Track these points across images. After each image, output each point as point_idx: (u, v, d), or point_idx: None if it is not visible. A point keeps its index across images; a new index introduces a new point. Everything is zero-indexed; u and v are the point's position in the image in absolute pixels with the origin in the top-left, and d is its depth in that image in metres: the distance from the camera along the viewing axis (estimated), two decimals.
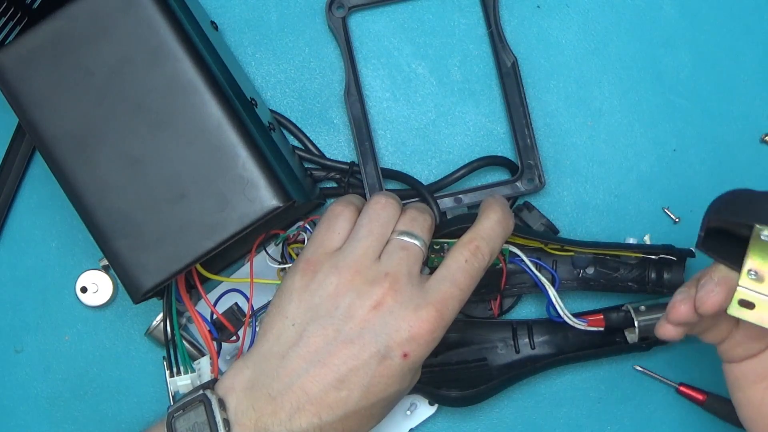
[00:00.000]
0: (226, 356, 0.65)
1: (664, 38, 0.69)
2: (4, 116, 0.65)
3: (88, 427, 0.67)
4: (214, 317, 0.61)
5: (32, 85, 0.56)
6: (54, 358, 0.67)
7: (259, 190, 0.55)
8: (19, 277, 0.68)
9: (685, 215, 0.68)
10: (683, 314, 0.51)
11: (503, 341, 0.65)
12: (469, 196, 0.66)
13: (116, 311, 0.68)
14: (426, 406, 0.66)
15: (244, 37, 0.69)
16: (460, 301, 0.55)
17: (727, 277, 0.50)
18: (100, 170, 0.55)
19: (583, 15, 0.69)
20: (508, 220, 0.57)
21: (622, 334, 0.64)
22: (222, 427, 0.52)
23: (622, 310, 0.64)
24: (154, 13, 0.56)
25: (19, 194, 0.68)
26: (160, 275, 0.55)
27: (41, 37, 0.56)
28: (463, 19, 0.69)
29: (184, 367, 0.60)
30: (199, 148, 0.55)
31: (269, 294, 0.61)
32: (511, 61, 0.67)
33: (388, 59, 0.69)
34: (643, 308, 0.63)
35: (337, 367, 0.52)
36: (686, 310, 0.51)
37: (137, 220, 0.55)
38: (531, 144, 0.66)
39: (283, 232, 0.60)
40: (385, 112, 0.68)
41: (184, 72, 0.55)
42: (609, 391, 0.67)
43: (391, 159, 0.68)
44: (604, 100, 0.69)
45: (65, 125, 0.56)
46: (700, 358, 0.67)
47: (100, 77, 0.56)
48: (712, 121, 0.68)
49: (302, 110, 0.68)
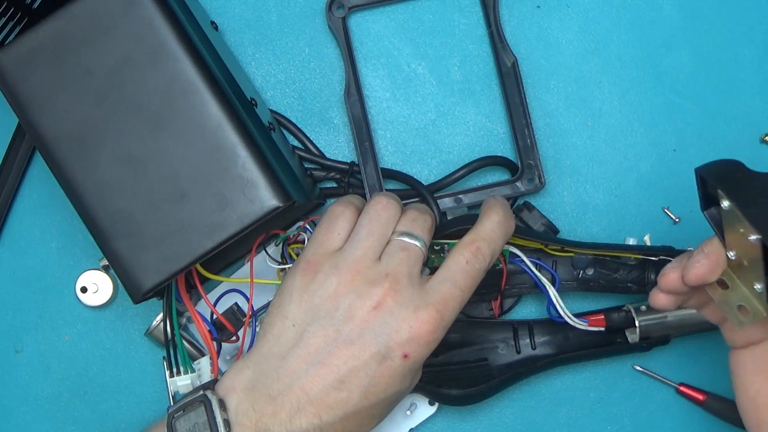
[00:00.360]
0: (226, 356, 0.65)
1: (664, 38, 0.69)
2: (4, 116, 0.65)
3: (88, 427, 0.67)
4: (214, 317, 0.61)
5: (32, 85, 0.56)
6: (54, 358, 0.67)
7: (259, 190, 0.55)
8: (19, 277, 0.68)
9: (685, 215, 0.68)
10: (671, 282, 0.52)
11: (504, 341, 0.65)
12: (469, 196, 0.66)
13: (116, 311, 0.68)
14: (426, 406, 0.66)
15: (244, 37, 0.69)
16: (461, 302, 0.55)
17: (716, 252, 0.50)
18: (100, 170, 0.55)
19: (583, 15, 0.69)
20: (509, 222, 0.57)
21: (623, 334, 0.64)
22: (222, 428, 0.52)
23: (623, 310, 0.64)
24: (154, 13, 0.56)
25: (19, 194, 0.68)
26: (160, 275, 0.55)
27: (41, 37, 0.56)
28: (463, 19, 0.69)
29: (184, 367, 0.60)
30: (199, 148, 0.55)
31: (269, 294, 0.62)
32: (511, 61, 0.67)
33: (388, 59, 0.69)
34: (644, 308, 0.63)
35: (338, 368, 0.52)
36: (674, 278, 0.52)
37: (137, 220, 0.55)
38: (531, 144, 0.66)
39: (283, 232, 0.60)
40: (385, 112, 0.68)
41: (184, 72, 0.55)
42: (609, 391, 0.67)
43: (391, 159, 0.68)
44: (604, 100, 0.69)
45: (65, 125, 0.56)
46: (700, 358, 0.67)
47: (100, 77, 0.56)
48: (712, 121, 0.68)
49: (302, 110, 0.68)
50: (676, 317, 0.63)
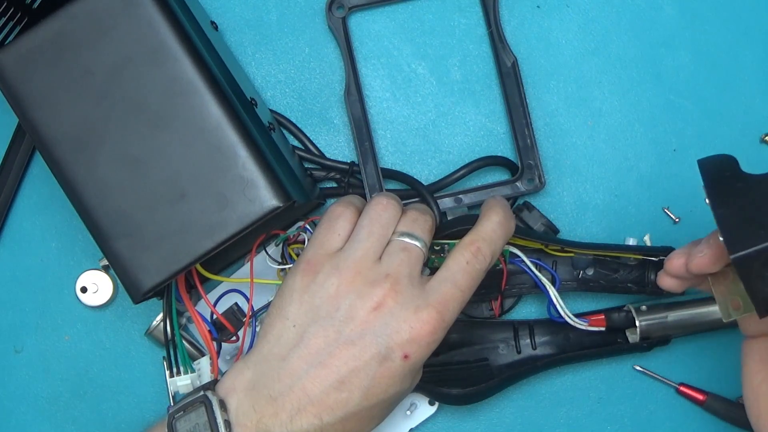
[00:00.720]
0: (226, 356, 0.65)
1: (664, 38, 0.69)
2: (4, 116, 0.65)
3: (88, 427, 0.67)
4: (214, 317, 0.61)
5: (32, 85, 0.56)
6: (54, 358, 0.67)
7: (258, 190, 0.55)
8: (19, 277, 0.68)
9: (685, 215, 0.68)
10: (675, 267, 0.52)
11: (505, 341, 0.65)
12: (470, 196, 0.66)
13: (116, 311, 0.68)
14: (426, 406, 0.66)
15: (244, 37, 0.68)
16: (461, 302, 0.55)
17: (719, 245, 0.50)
18: (100, 170, 0.55)
19: (583, 15, 0.69)
20: (509, 222, 0.57)
21: (623, 334, 0.64)
22: (223, 428, 0.52)
23: (623, 310, 0.64)
24: (154, 13, 0.56)
25: (19, 194, 0.68)
26: (160, 275, 0.55)
27: (41, 37, 0.56)
28: (463, 19, 0.69)
29: (184, 368, 0.60)
30: (199, 148, 0.55)
31: (269, 294, 0.62)
32: (511, 61, 0.67)
33: (388, 59, 0.69)
34: (644, 308, 0.63)
35: (338, 369, 0.52)
36: (678, 264, 0.52)
37: (137, 220, 0.55)
38: (531, 144, 0.66)
39: (283, 232, 0.60)
40: (385, 112, 0.68)
41: (184, 72, 0.55)
42: (609, 391, 0.67)
43: (391, 159, 0.68)
44: (604, 100, 0.69)
45: (65, 125, 0.56)
46: (700, 359, 0.67)
47: (100, 77, 0.56)
48: (712, 121, 0.68)
49: (302, 110, 0.68)
50: (677, 317, 0.63)
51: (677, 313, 0.63)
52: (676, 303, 0.64)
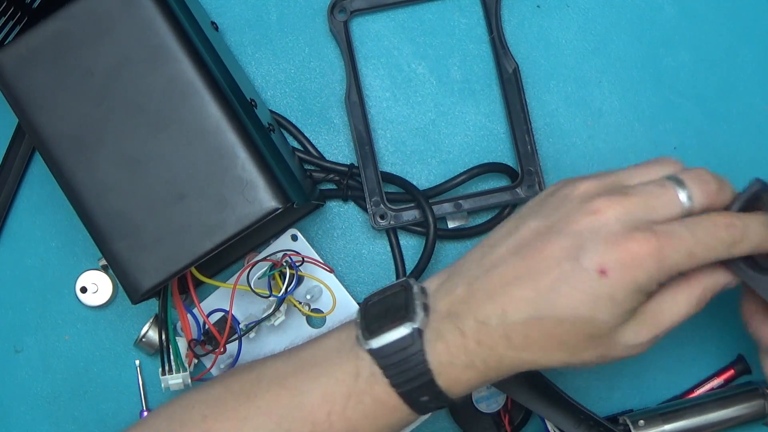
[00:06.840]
0: (221, 365, 0.64)
1: (664, 38, 0.69)
2: (4, 116, 0.65)
3: (88, 426, 0.67)
4: (205, 327, 0.61)
5: (32, 85, 0.56)
6: (54, 357, 0.67)
7: (258, 191, 0.55)
8: (19, 277, 0.68)
9: None
10: None
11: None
12: (469, 202, 0.66)
13: (116, 311, 0.68)
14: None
15: (244, 37, 0.68)
16: (688, 253, 0.48)
17: None
18: (99, 171, 0.56)
19: (583, 15, 0.69)
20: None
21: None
22: (420, 310, 0.50)
23: (619, 423, 0.61)
24: (154, 13, 0.56)
25: (19, 194, 0.68)
26: (158, 276, 0.55)
27: (41, 37, 0.56)
28: (464, 20, 0.69)
29: (176, 366, 0.60)
30: (199, 149, 0.55)
31: (258, 306, 0.61)
32: (512, 67, 0.67)
33: (389, 59, 0.69)
34: (642, 423, 0.61)
35: (533, 261, 0.49)
36: None
37: (136, 221, 0.55)
38: (531, 150, 0.66)
39: (271, 261, 0.60)
40: (385, 113, 0.68)
41: (183, 72, 0.55)
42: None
43: (391, 159, 0.68)
44: (604, 100, 0.69)
45: (65, 125, 0.56)
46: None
47: (99, 77, 0.56)
48: (712, 121, 0.68)
49: (302, 111, 0.68)
50: (674, 429, 0.61)
51: (675, 425, 0.61)
52: (673, 412, 0.62)
